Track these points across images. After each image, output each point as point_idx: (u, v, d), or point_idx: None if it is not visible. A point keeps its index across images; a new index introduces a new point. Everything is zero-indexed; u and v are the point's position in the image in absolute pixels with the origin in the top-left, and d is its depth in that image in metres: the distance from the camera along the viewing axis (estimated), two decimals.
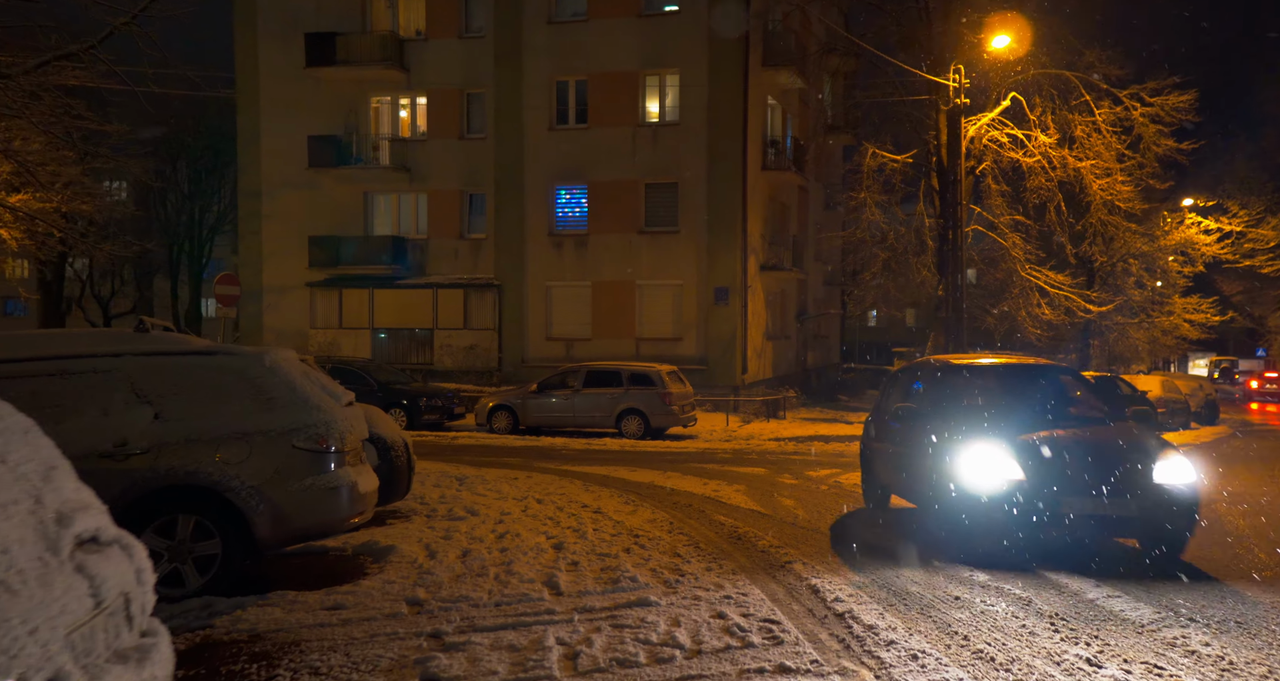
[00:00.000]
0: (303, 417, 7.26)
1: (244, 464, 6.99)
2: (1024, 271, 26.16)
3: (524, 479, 13.71)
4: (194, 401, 7.07)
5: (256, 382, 7.27)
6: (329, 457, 7.29)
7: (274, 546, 7.22)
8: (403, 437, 10.01)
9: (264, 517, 6.99)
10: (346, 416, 7.65)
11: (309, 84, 29.77)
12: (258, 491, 6.98)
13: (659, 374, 21.65)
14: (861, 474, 11.95)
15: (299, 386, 7.43)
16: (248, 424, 7.10)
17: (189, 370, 7.19)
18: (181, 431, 6.92)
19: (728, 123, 27.64)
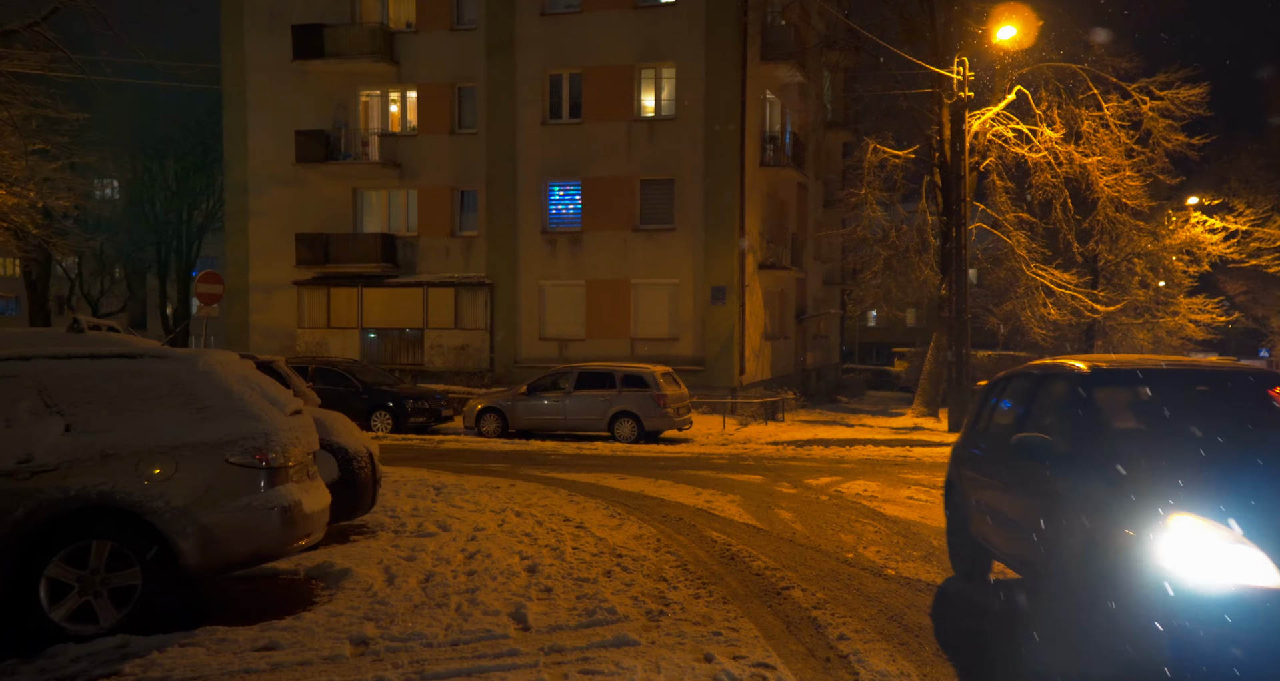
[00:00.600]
0: (239, 429, 6.42)
1: (169, 482, 6.14)
2: (1029, 270, 25.31)
3: (506, 488, 12.87)
4: (113, 411, 6.22)
5: (187, 389, 6.43)
6: (268, 473, 6.44)
7: (205, 575, 6.36)
8: (366, 447, 9.16)
9: (192, 543, 6.14)
10: (291, 427, 6.80)
11: (296, 77, 28.91)
12: (185, 513, 6.14)
13: (653, 375, 20.80)
14: (947, 524, 8.47)
15: (236, 393, 6.58)
16: (175, 436, 6.26)
17: (109, 376, 6.34)
18: (97, 445, 6.08)
19: (725, 118, 26.78)
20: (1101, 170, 24.63)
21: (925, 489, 13.25)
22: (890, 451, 19.06)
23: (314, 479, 7.20)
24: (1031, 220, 25.72)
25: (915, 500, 12.22)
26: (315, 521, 6.93)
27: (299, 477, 6.81)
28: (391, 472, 14.41)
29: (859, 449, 19.52)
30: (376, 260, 28.47)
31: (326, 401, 21.68)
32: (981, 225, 25.91)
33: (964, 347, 23.23)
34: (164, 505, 6.08)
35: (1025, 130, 24.60)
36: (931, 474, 15.10)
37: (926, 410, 26.07)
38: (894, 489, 13.27)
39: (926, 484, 13.80)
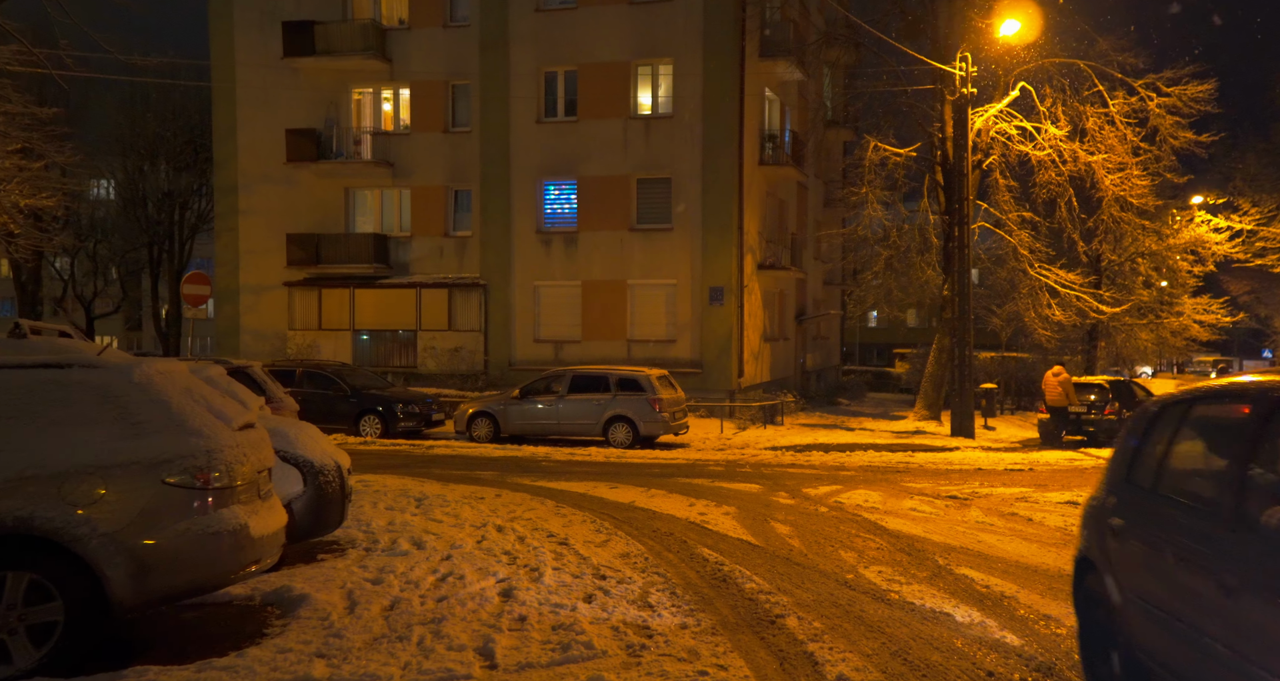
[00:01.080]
0: (178, 446, 5.81)
1: (97, 505, 5.54)
2: (1033, 270, 24.66)
3: (491, 499, 12.25)
4: (34, 427, 5.61)
5: (120, 402, 5.82)
6: (211, 495, 5.84)
7: (138, 608, 5.75)
8: (334, 459, 8.55)
9: (122, 573, 5.53)
10: (239, 443, 6.19)
11: (287, 75, 28.29)
12: (115, 540, 5.53)
13: (648, 379, 20.19)
14: (1081, 629, 5.74)
15: (176, 407, 5.97)
16: (105, 455, 5.64)
17: (31, 388, 5.73)
18: (13, 465, 5.46)
19: (723, 115, 26.16)
20: (1107, 168, 23.99)
21: (928, 499, 12.63)
22: (892, 457, 18.45)
23: (267, 498, 6.59)
24: (1035, 219, 25.07)
25: (918, 512, 11.59)
26: (266, 545, 6.32)
27: (248, 498, 6.20)
28: (374, 481, 13.84)
29: (859, 454, 18.90)
30: (369, 261, 27.86)
31: (314, 405, 21.15)
32: (984, 224, 25.28)
33: (967, 349, 22.60)
34: (91, 532, 5.48)
35: (1029, 128, 23.96)
36: (935, 482, 14.48)
37: (928, 413, 25.44)
38: (896, 499, 12.65)
39: (929, 494, 13.18)
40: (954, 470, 16.52)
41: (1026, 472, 16.19)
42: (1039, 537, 9.97)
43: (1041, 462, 17.83)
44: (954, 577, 8.12)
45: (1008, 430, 25.31)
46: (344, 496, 8.61)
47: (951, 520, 11.02)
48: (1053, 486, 14.24)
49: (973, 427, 22.68)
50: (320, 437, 8.88)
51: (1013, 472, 16.17)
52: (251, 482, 6.27)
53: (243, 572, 6.11)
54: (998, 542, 9.66)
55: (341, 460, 8.78)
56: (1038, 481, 14.90)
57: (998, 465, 17.35)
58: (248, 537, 6.00)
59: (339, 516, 8.64)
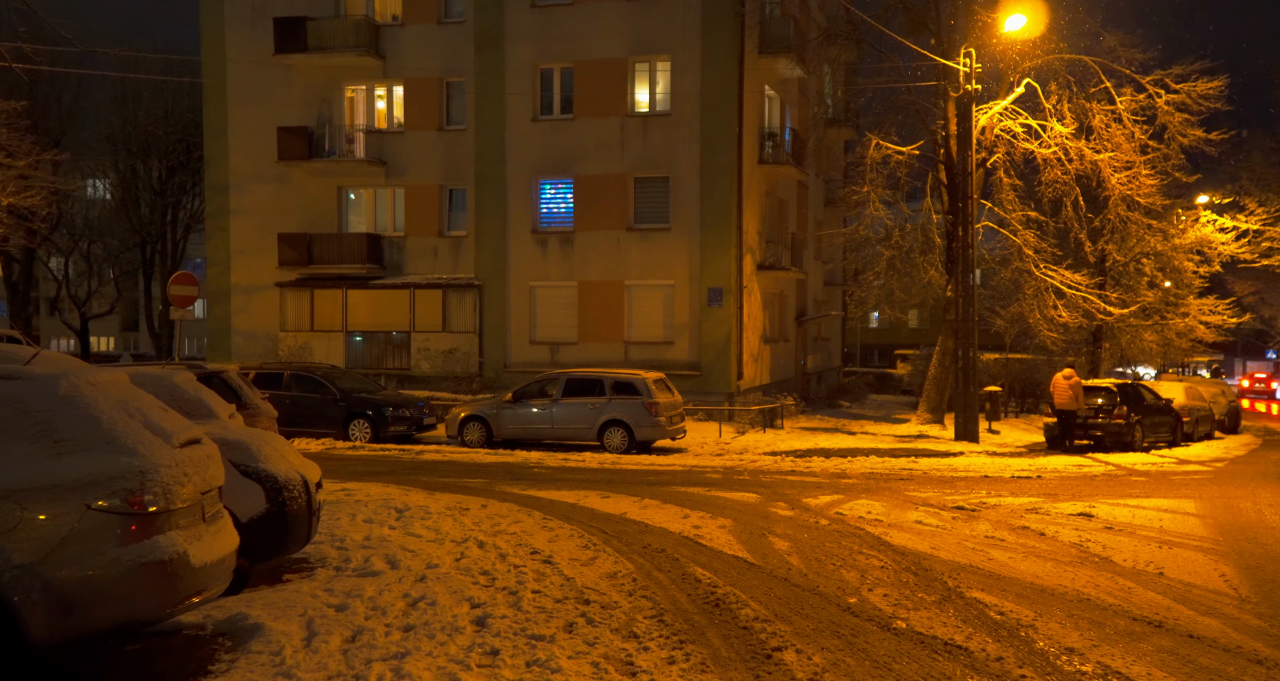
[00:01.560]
0: (108, 466, 5.20)
1: (12, 533, 4.93)
2: (1038, 271, 24.01)
3: (476, 510, 11.64)
4: None
5: (42, 417, 5.21)
6: (144, 520, 5.23)
7: (60, 647, 5.13)
8: (301, 473, 7.94)
9: (41, 609, 4.93)
10: (179, 461, 5.58)
11: (279, 72, 27.69)
12: (31, 572, 4.93)
13: (644, 382, 19.57)
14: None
15: (107, 422, 5.36)
16: (22, 476, 5.04)
17: None
18: None
19: (722, 113, 25.55)
20: (1114, 167, 23.35)
21: (934, 511, 12.01)
22: (894, 463, 17.83)
23: (214, 521, 5.98)
24: (1041, 219, 24.44)
25: (924, 525, 10.97)
26: (211, 574, 5.71)
27: (188, 522, 5.59)
28: (358, 490, 13.27)
29: (861, 460, 18.29)
30: (362, 261, 27.26)
31: (302, 409, 20.58)
32: (989, 224, 24.64)
33: (971, 351, 21.98)
34: (3, 563, 4.87)
35: (1034, 125, 23.32)
36: (940, 491, 13.86)
37: (931, 416, 24.82)
38: (900, 510, 12.03)
39: (935, 504, 12.56)
40: (959, 477, 15.91)
41: (1035, 480, 15.57)
42: (1053, 555, 9.34)
43: (1049, 469, 17.20)
44: (965, 602, 7.51)
45: (1012, 434, 24.69)
46: (311, 512, 8.00)
47: (959, 534, 10.41)
48: (1063, 496, 13.62)
49: (977, 431, 22.08)
50: (287, 449, 8.27)
51: (1020, 480, 15.55)
52: (194, 505, 5.66)
53: (182, 605, 5.50)
54: (1010, 561, 9.05)
55: (309, 473, 8.17)
56: (1047, 490, 14.28)
57: (1004, 472, 16.73)
58: (187, 567, 5.39)
59: (306, 534, 8.02)
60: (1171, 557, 9.31)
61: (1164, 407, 22.97)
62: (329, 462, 17.45)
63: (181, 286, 22.32)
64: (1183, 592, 7.91)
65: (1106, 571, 8.64)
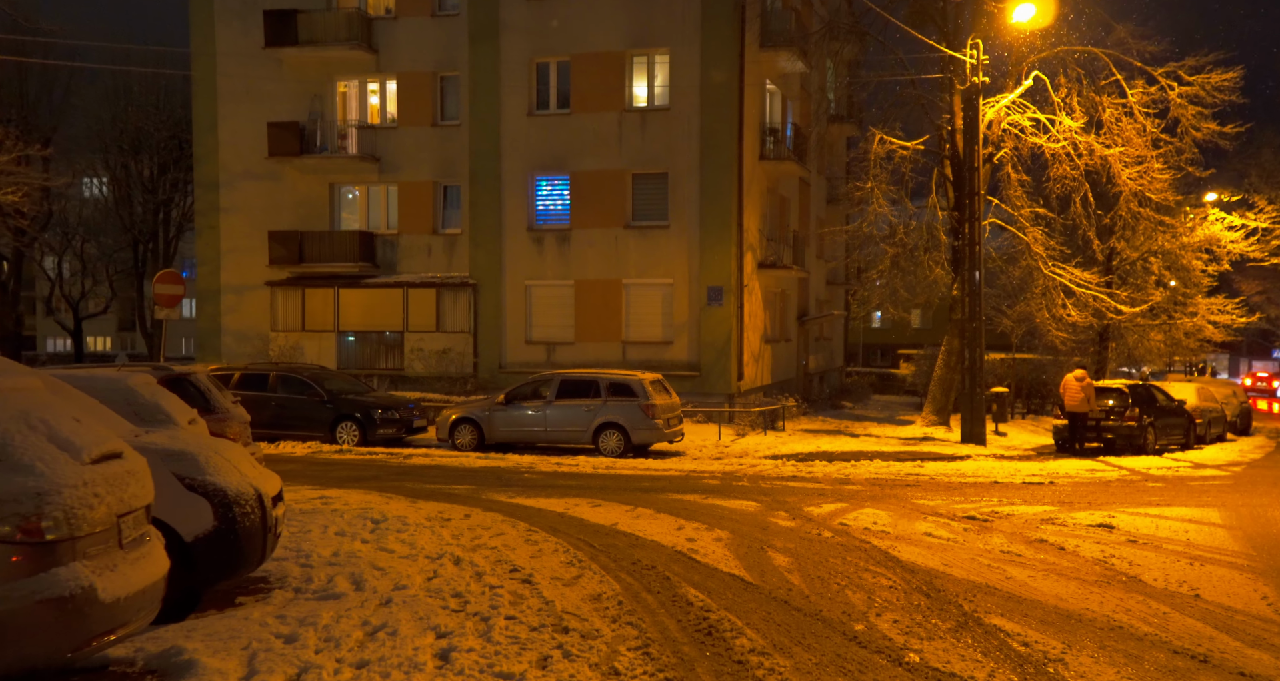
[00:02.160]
0: None
1: None
2: (1047, 269, 23.25)
3: (458, 521, 10.91)
4: None
5: None
6: (40, 550, 4.49)
7: None
8: (255, 487, 7.19)
9: None
10: (88, 481, 4.84)
11: (270, 66, 26.97)
12: None
13: (640, 383, 18.83)
14: None
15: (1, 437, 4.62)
16: None
17: None
18: None
19: (722, 108, 24.81)
20: (1124, 162, 22.59)
21: (944, 521, 11.25)
22: (900, 468, 17.08)
23: (135, 547, 5.24)
24: (1049, 215, 23.68)
25: (934, 538, 10.22)
26: (129, 607, 4.98)
27: (100, 550, 4.85)
28: (337, 498, 12.55)
29: (865, 465, 17.53)
30: (354, 259, 26.52)
31: (288, 412, 19.85)
32: (995, 221, 23.86)
33: (978, 351, 21.22)
34: None
35: (1043, 119, 22.56)
36: (949, 499, 13.11)
37: (937, 418, 24.08)
38: (908, 521, 11.28)
39: (944, 514, 11.80)
40: (968, 483, 15.15)
41: (1047, 486, 14.81)
42: (1077, 573, 8.59)
43: (1061, 474, 16.44)
44: (984, 630, 6.75)
45: (1020, 436, 23.93)
46: (266, 529, 7.24)
47: (973, 548, 9.65)
48: (1079, 504, 12.86)
49: (984, 434, 21.31)
50: (241, 459, 7.52)
51: (1032, 486, 14.78)
52: (107, 530, 4.93)
53: (90, 647, 4.76)
54: (1030, 580, 8.29)
55: (265, 486, 7.42)
56: (1061, 497, 13.51)
57: (1014, 477, 15.97)
58: (94, 602, 4.66)
59: (260, 553, 7.27)
60: (1205, 576, 8.55)
61: (1177, 409, 22.20)
62: (313, 468, 16.74)
63: (167, 285, 21.64)
64: (1224, 619, 7.15)
65: (1137, 593, 7.89)
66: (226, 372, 20.35)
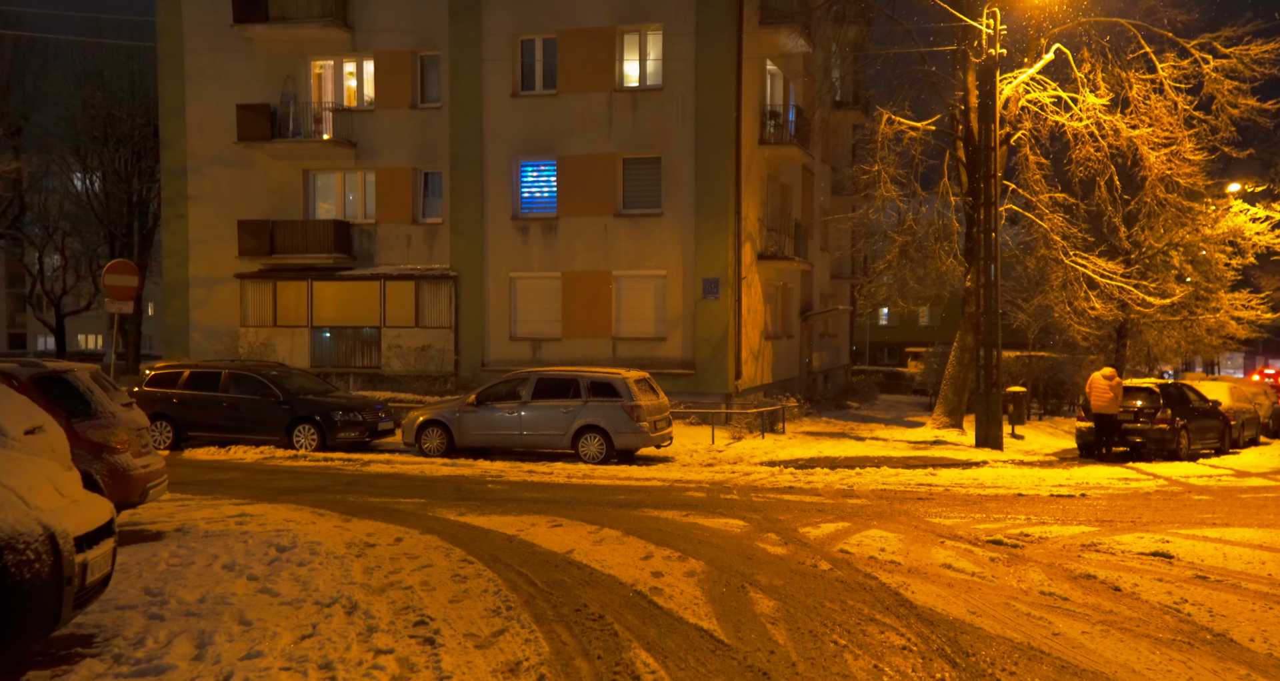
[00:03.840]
0: None
1: None
2: (1068, 259, 21.22)
3: (383, 547, 9.00)
4: None
5: None
6: None
7: None
8: (44, 526, 5.24)
9: None
10: None
11: (240, 45, 25.08)
12: None
13: (624, 382, 16.88)
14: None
15: None
16: None
17: None
18: None
19: (719, 88, 22.87)
20: (1153, 143, 20.56)
21: (965, 547, 9.28)
22: (910, 476, 15.11)
23: None
24: (1070, 201, 21.64)
25: (955, 572, 8.25)
26: None
27: None
28: (257, 515, 10.69)
29: (871, 472, 15.57)
30: (329, 250, 24.63)
31: (240, 414, 17.85)
32: (1012, 207, 21.83)
33: (994, 348, 19.23)
34: None
35: (1065, 97, 20.54)
36: (968, 515, 11.12)
37: (949, 420, 22.07)
38: (922, 546, 9.31)
39: (965, 537, 9.82)
40: (988, 496, 13.17)
41: (1079, 500, 12.81)
42: (1144, 627, 6.59)
43: (1092, 484, 14.45)
44: None
45: (1039, 439, 21.92)
46: (63, 581, 5.30)
47: (1005, 588, 7.68)
48: (1121, 523, 10.86)
49: (1001, 437, 19.33)
50: (38, 485, 5.59)
51: (1062, 500, 12.79)
52: None
53: None
54: (1085, 639, 6.31)
55: (71, 521, 5.48)
56: (1098, 514, 11.51)
57: (1039, 487, 13.99)
58: None
59: (54, 613, 5.31)
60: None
61: (1210, 410, 20.17)
62: (255, 476, 14.86)
63: (118, 276, 19.81)
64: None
65: (1231, 660, 5.90)
66: (175, 370, 18.49)
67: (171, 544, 8.94)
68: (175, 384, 18.13)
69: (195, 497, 12.44)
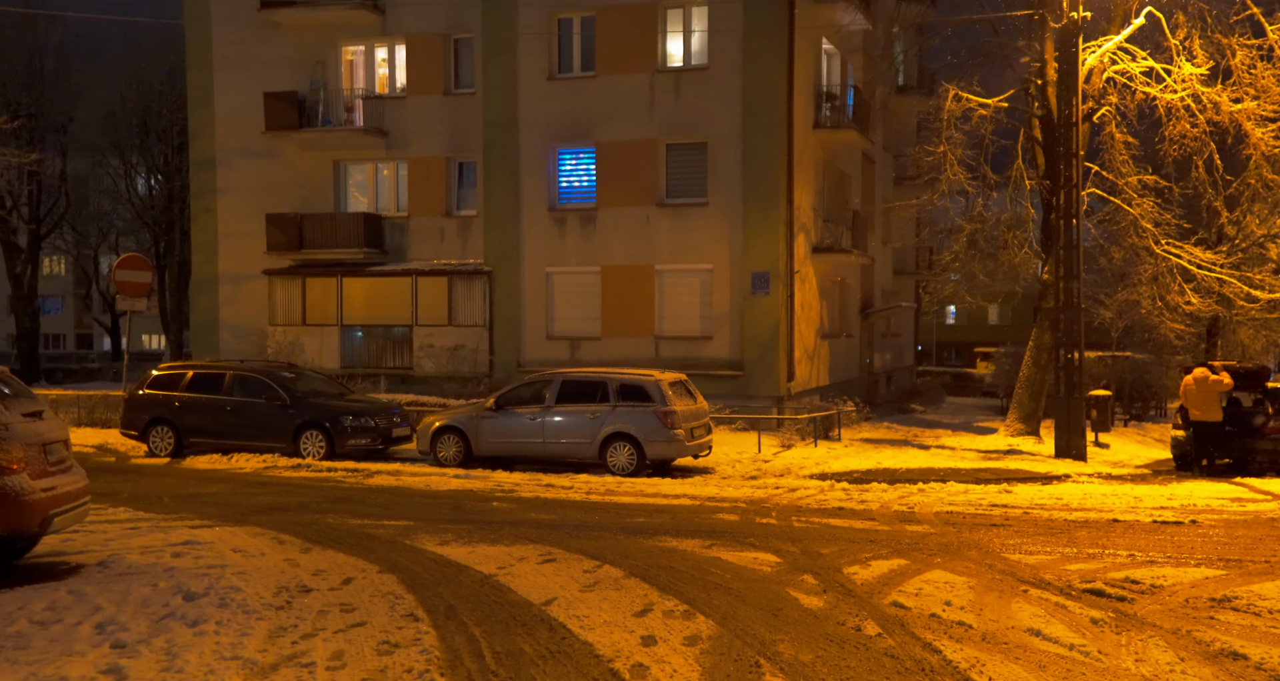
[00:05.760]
0: None
1: None
2: (1159, 248, 18.67)
3: (317, 596, 7.18)
4: None
5: None
6: None
7: None
8: None
9: None
10: None
11: (268, 31, 23.64)
12: None
13: (656, 385, 14.90)
14: None
15: None
16: None
17: None
18: None
19: (769, 67, 20.76)
20: (1258, 117, 17.91)
21: (1056, 599, 7.10)
22: (982, 493, 12.89)
23: None
24: (1163, 184, 19.06)
25: (1047, 643, 6.10)
26: None
27: None
28: (204, 544, 9.08)
29: (936, 489, 13.37)
30: (359, 244, 23.05)
31: (244, 419, 16.03)
32: (1096, 191, 19.34)
33: (1077, 347, 16.83)
34: None
35: (1158, 67, 18.01)
36: (1054, 550, 8.87)
37: (1024, 427, 19.64)
38: (1000, 598, 7.17)
39: (1053, 582, 7.65)
40: (1075, 521, 10.89)
41: (1189, 528, 10.46)
42: None
43: (1200, 506, 12.04)
44: None
45: (1126, 448, 19.40)
46: None
47: (1120, 675, 5.53)
48: (1252, 563, 8.56)
49: (1084, 447, 16.95)
50: None
51: (1168, 528, 10.46)
52: None
53: None
54: None
55: None
56: (1219, 549, 9.20)
57: (1137, 509, 11.66)
58: None
59: None
60: None
61: None
62: (242, 488, 13.22)
63: (130, 271, 18.51)
64: None
65: None
66: (178, 372, 16.99)
67: (64, 588, 7.21)
68: (177, 386, 16.62)
69: (157, 517, 10.80)
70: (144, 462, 16.11)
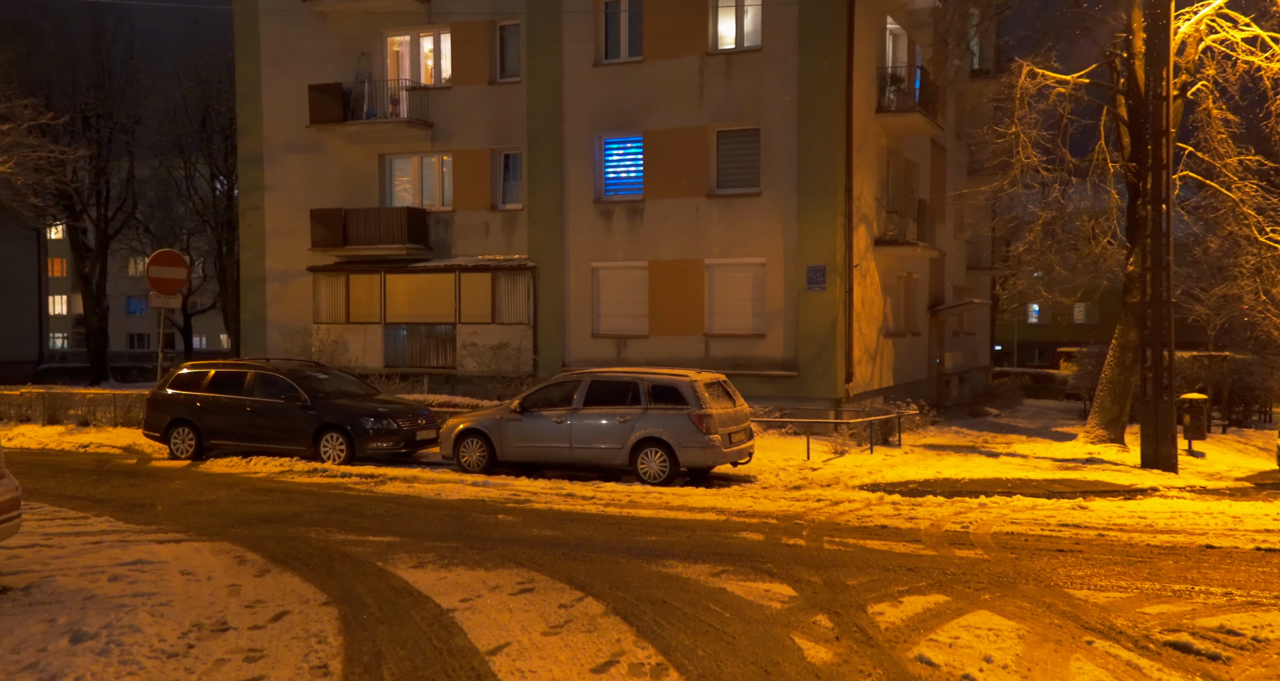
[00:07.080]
0: None
1: None
2: (1264, 237, 16.64)
3: (229, 638, 6.16)
4: None
5: None
6: None
7: None
8: None
9: None
10: None
11: (312, 22, 23.00)
12: None
13: (691, 386, 13.57)
14: None
15: None
16: None
17: None
18: None
19: (827, 47, 19.25)
20: None
21: (1128, 659, 5.61)
22: (1051, 510, 11.28)
23: None
24: (1268, 165, 17.00)
25: None
26: None
27: None
28: (161, 561, 8.35)
29: (999, 503, 11.78)
30: (403, 240, 22.19)
31: (263, 420, 15.00)
32: (1189, 174, 17.38)
33: (1165, 345, 14.99)
34: None
35: (1264, 35, 16.01)
36: (1131, 585, 7.30)
37: (1106, 433, 17.74)
38: (1055, 653, 5.71)
39: (1128, 633, 6.13)
40: (1161, 546, 9.24)
41: None
42: None
43: None
44: None
45: (1224, 457, 17.36)
46: None
47: None
48: None
49: (1175, 456, 15.09)
50: None
51: (1275, 556, 8.76)
52: None
53: None
54: None
55: None
56: None
57: (1235, 532, 9.94)
58: None
59: None
60: None
61: None
62: (246, 495, 12.32)
63: (164, 268, 17.87)
64: None
65: None
66: (200, 370, 16.24)
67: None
68: (199, 386, 15.89)
69: (133, 529, 9.93)
70: (163, 465, 15.40)
